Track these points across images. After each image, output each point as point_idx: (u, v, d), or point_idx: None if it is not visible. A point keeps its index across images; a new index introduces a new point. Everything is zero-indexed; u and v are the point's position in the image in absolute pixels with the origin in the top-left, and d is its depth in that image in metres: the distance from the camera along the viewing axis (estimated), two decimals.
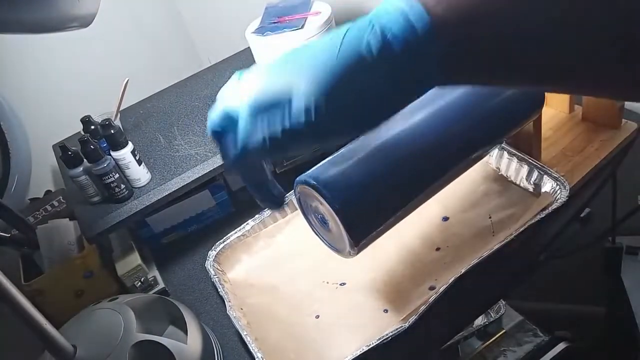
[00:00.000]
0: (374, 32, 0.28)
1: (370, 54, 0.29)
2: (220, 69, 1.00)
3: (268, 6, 0.97)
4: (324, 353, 0.56)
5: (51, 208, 0.83)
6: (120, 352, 0.49)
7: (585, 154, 0.69)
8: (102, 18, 0.58)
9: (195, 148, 0.78)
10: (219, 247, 0.70)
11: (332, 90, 0.30)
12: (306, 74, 0.30)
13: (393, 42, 0.28)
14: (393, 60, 0.28)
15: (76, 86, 1.05)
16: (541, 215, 0.58)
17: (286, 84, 0.31)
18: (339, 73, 0.29)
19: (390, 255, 0.64)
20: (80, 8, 0.53)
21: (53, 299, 0.67)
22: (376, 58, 0.29)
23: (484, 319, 0.98)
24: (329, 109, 0.30)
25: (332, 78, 0.30)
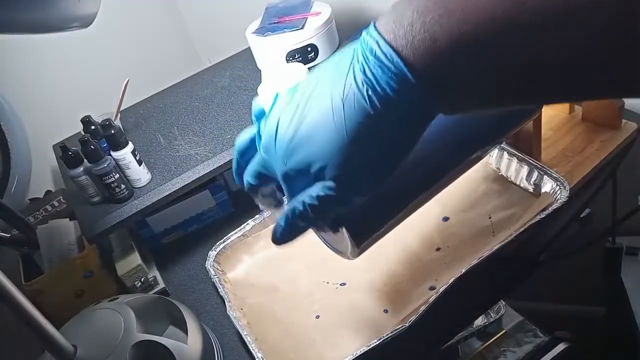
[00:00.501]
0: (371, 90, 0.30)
1: (375, 111, 0.30)
2: (220, 69, 1.00)
3: (268, 6, 0.97)
4: (324, 353, 0.56)
5: (51, 208, 0.83)
6: (120, 352, 0.49)
7: (585, 154, 0.69)
8: (102, 18, 0.58)
9: (195, 148, 0.78)
10: (219, 247, 0.70)
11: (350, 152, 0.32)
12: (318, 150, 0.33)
13: (389, 91, 0.29)
14: (397, 105, 0.30)
15: (76, 86, 1.05)
16: (541, 215, 0.58)
17: (305, 162, 0.34)
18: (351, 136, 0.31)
19: (390, 255, 0.64)
20: (81, 8, 0.53)
21: (53, 299, 0.67)
22: (379, 109, 0.30)
23: (484, 319, 0.98)
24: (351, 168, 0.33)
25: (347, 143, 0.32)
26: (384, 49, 0.29)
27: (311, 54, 0.87)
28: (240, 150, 0.41)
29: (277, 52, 0.87)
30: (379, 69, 0.29)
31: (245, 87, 0.90)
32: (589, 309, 1.15)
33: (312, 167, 0.33)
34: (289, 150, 0.34)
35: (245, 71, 0.96)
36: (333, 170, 0.33)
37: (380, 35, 0.29)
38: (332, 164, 0.33)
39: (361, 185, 0.34)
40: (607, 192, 0.70)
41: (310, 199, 0.35)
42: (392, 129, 0.31)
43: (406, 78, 0.28)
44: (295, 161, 0.34)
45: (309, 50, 0.87)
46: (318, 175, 0.34)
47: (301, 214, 0.36)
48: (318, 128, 0.32)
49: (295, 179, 0.35)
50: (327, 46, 0.88)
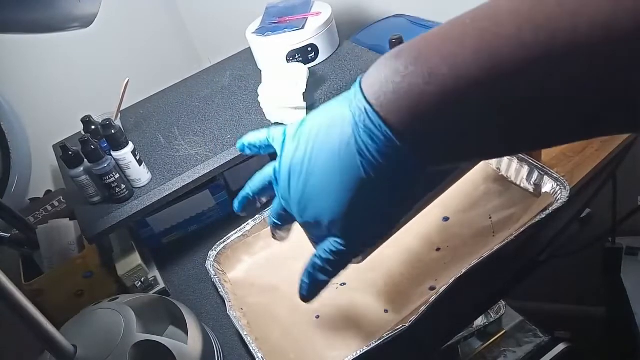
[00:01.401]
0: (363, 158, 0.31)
1: (369, 177, 0.32)
2: (220, 69, 1.00)
3: (268, 6, 0.97)
4: (324, 353, 0.56)
5: (51, 208, 0.83)
6: (120, 352, 0.49)
7: (585, 154, 0.69)
8: (102, 18, 0.58)
9: (195, 148, 0.78)
10: (219, 247, 0.70)
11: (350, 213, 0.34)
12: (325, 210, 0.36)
13: (379, 158, 0.31)
14: (386, 170, 0.31)
15: (76, 86, 1.05)
16: (541, 215, 0.58)
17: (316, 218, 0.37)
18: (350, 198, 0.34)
19: (390, 256, 0.64)
20: (81, 8, 0.53)
21: (53, 299, 0.67)
22: (372, 176, 0.32)
23: (484, 319, 0.98)
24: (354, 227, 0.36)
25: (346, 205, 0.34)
26: (372, 117, 0.30)
27: (311, 54, 0.87)
28: (257, 189, 0.45)
29: (277, 52, 0.87)
30: (368, 138, 0.30)
31: (245, 87, 0.90)
32: (589, 309, 1.16)
33: (322, 222, 0.36)
34: (302, 205, 0.37)
35: (245, 71, 0.96)
36: (339, 227, 0.36)
37: (368, 102, 0.30)
38: (337, 221, 0.35)
39: (366, 239, 0.38)
40: (607, 192, 0.70)
41: (325, 254, 0.38)
42: (386, 192, 0.33)
43: (394, 145, 0.30)
44: (307, 216, 0.37)
45: (309, 50, 0.87)
46: (328, 229, 0.37)
47: (321, 268, 0.39)
48: (322, 188, 0.35)
49: (312, 227, 0.38)
50: (327, 46, 0.88)
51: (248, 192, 0.46)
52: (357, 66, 0.84)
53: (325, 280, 0.40)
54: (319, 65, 0.88)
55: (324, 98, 0.79)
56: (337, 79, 0.82)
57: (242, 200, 0.47)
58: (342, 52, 0.90)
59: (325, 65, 0.87)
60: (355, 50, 0.89)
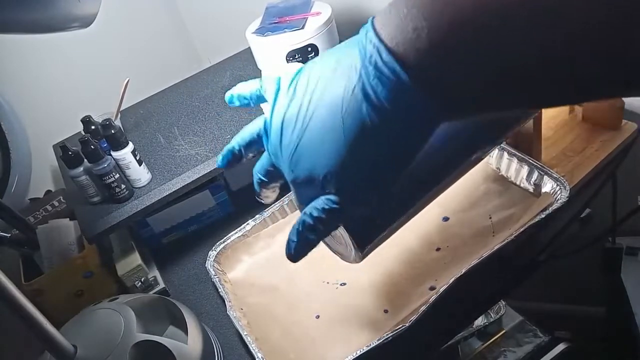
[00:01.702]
0: (369, 103, 0.29)
1: (374, 124, 0.30)
2: (220, 69, 1.00)
3: (268, 6, 0.97)
4: (324, 353, 0.56)
5: (51, 208, 0.83)
6: (120, 352, 0.49)
7: (585, 154, 0.69)
8: (102, 18, 0.58)
9: (195, 148, 0.78)
10: (219, 247, 0.70)
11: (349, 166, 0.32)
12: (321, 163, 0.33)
13: (387, 105, 0.29)
14: (394, 118, 0.29)
15: (76, 86, 1.05)
16: (541, 215, 0.58)
17: (309, 172, 0.34)
18: (350, 149, 0.31)
19: (390, 256, 0.64)
20: (81, 8, 0.53)
21: (53, 299, 0.67)
22: (377, 123, 0.30)
23: (484, 319, 0.98)
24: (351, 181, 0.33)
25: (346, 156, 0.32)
26: (385, 58, 0.28)
27: (311, 54, 0.87)
28: (245, 142, 0.42)
29: (277, 52, 0.87)
30: (378, 81, 0.28)
31: None
32: (589, 309, 1.16)
33: (315, 178, 0.34)
34: (294, 160, 0.34)
35: (245, 71, 0.96)
36: (334, 182, 0.33)
37: (381, 41, 0.28)
38: (333, 176, 0.33)
39: (363, 196, 0.35)
40: (607, 192, 0.70)
41: (316, 212, 0.35)
42: (391, 142, 0.31)
43: (407, 87, 0.28)
44: (300, 170, 0.35)
45: (309, 50, 0.86)
46: (322, 185, 0.34)
47: (311, 226, 0.36)
48: (319, 139, 0.32)
49: (302, 185, 0.35)
50: (327, 46, 0.88)
51: (234, 146, 0.43)
52: None
53: (315, 239, 0.38)
54: None
55: None
56: None
57: (227, 154, 0.44)
58: None
59: None
60: None
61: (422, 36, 0.26)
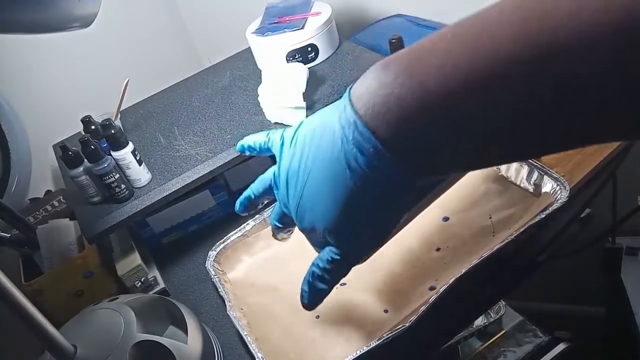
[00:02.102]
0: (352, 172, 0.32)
1: (359, 190, 0.32)
2: (220, 69, 1.00)
3: (268, 6, 0.97)
4: (324, 353, 0.56)
5: (51, 208, 0.83)
6: (120, 352, 0.49)
7: (585, 154, 0.69)
8: (102, 18, 0.58)
9: (195, 148, 0.78)
10: (219, 247, 0.70)
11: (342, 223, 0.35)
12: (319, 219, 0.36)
13: (367, 171, 0.31)
14: (374, 182, 0.32)
15: (76, 86, 1.05)
16: (541, 215, 0.58)
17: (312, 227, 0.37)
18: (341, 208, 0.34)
19: (390, 256, 0.64)
20: (81, 8, 0.53)
21: (53, 299, 0.67)
22: (360, 187, 0.32)
23: (484, 319, 0.98)
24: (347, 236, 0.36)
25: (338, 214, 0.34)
26: (360, 130, 0.30)
27: (311, 54, 0.87)
28: (259, 192, 0.47)
29: (277, 52, 0.87)
30: (357, 151, 0.30)
31: (245, 87, 0.90)
32: (589, 309, 1.16)
33: (318, 232, 0.37)
34: (299, 216, 0.38)
35: (245, 71, 0.96)
36: (332, 237, 0.37)
37: (357, 114, 0.30)
38: (330, 231, 0.36)
39: (361, 248, 0.38)
40: (607, 192, 0.70)
41: (323, 263, 0.39)
42: (376, 203, 0.33)
43: (383, 157, 0.30)
44: (305, 223, 0.38)
45: (309, 50, 0.87)
46: (324, 238, 0.37)
47: (319, 277, 0.40)
48: (316, 196, 0.35)
49: (311, 233, 0.39)
50: (327, 46, 0.88)
51: (250, 195, 0.48)
52: (357, 66, 0.84)
53: (325, 288, 0.41)
54: (319, 65, 0.88)
55: (324, 98, 0.79)
56: (337, 79, 0.82)
57: (244, 201, 0.49)
58: (342, 52, 0.90)
59: (325, 65, 0.87)
60: (355, 50, 0.89)
61: (391, 111, 0.28)
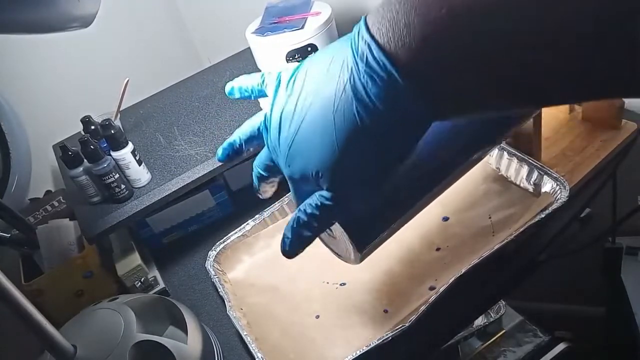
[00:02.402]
0: (359, 102, 0.29)
1: (364, 124, 0.30)
2: (220, 69, 1.00)
3: (268, 6, 0.97)
4: (324, 353, 0.56)
5: (51, 208, 0.83)
6: (120, 352, 0.49)
7: (585, 154, 0.69)
8: (102, 18, 0.58)
9: (195, 148, 0.78)
10: (219, 247, 0.70)
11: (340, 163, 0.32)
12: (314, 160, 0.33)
13: (378, 104, 0.28)
14: (384, 116, 0.29)
15: (76, 86, 1.05)
16: (541, 215, 0.58)
17: (303, 169, 0.34)
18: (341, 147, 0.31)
19: (390, 255, 0.64)
20: (81, 8, 0.53)
21: (53, 299, 0.67)
22: (368, 121, 0.29)
23: (484, 319, 0.98)
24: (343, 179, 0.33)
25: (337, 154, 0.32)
26: (376, 55, 0.27)
27: (311, 54, 0.87)
28: (246, 136, 0.43)
29: (277, 52, 0.87)
30: (369, 79, 0.28)
31: None
32: (589, 309, 1.16)
33: (309, 174, 0.34)
34: (290, 156, 0.35)
35: (245, 71, 0.95)
36: (327, 180, 0.33)
37: (372, 38, 0.28)
38: (326, 173, 0.33)
39: (355, 194, 0.35)
40: (607, 192, 0.70)
41: (311, 209, 0.36)
42: (382, 140, 0.31)
43: (398, 86, 0.27)
44: (295, 167, 0.35)
45: (309, 50, 0.86)
46: (315, 181, 0.34)
47: (305, 223, 0.37)
48: (312, 136, 0.32)
49: (298, 181, 0.36)
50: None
51: (235, 140, 0.44)
52: None
53: (310, 236, 0.38)
54: None
55: None
56: None
57: (228, 147, 0.44)
58: None
59: None
60: None
61: (413, 32, 0.26)
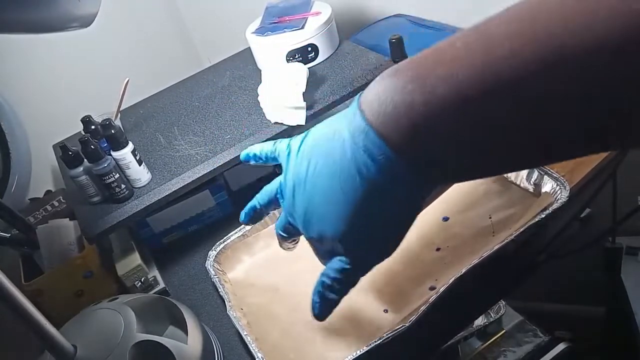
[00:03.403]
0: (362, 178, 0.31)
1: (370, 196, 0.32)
2: (220, 69, 1.00)
3: (268, 6, 0.97)
4: (324, 353, 0.56)
5: (51, 208, 0.83)
6: (120, 352, 0.49)
7: None
8: (102, 18, 0.58)
9: (195, 148, 0.78)
10: (219, 247, 0.70)
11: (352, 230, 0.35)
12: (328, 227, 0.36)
13: (377, 177, 0.31)
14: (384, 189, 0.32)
15: (76, 86, 1.05)
16: (541, 215, 0.58)
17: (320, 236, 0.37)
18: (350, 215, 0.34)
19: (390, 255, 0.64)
20: (81, 8, 0.53)
21: (53, 299, 0.67)
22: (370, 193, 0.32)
23: (484, 319, 0.98)
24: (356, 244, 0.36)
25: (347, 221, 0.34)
26: (371, 137, 0.30)
27: (311, 54, 0.87)
28: (264, 202, 0.47)
29: (277, 52, 0.87)
30: (368, 158, 0.30)
31: (245, 87, 0.90)
32: (589, 309, 1.16)
33: (327, 240, 0.36)
34: (305, 224, 0.38)
35: (245, 71, 0.96)
36: (342, 246, 0.36)
37: (367, 121, 0.30)
38: (340, 240, 0.36)
39: (371, 256, 0.38)
40: (607, 192, 0.70)
41: (332, 273, 0.39)
42: (386, 208, 0.33)
43: (394, 163, 0.30)
44: (312, 232, 0.38)
45: (309, 50, 0.86)
46: (332, 247, 0.37)
47: (329, 287, 0.40)
48: (324, 204, 0.35)
49: (317, 243, 0.39)
50: (327, 46, 0.88)
51: (255, 205, 0.48)
52: (357, 66, 0.84)
53: (336, 298, 0.41)
54: (319, 65, 0.88)
55: (324, 98, 0.79)
56: (337, 78, 0.82)
57: (249, 212, 0.49)
58: (342, 52, 0.90)
59: (325, 65, 0.87)
60: (355, 50, 0.89)
61: (402, 118, 0.28)
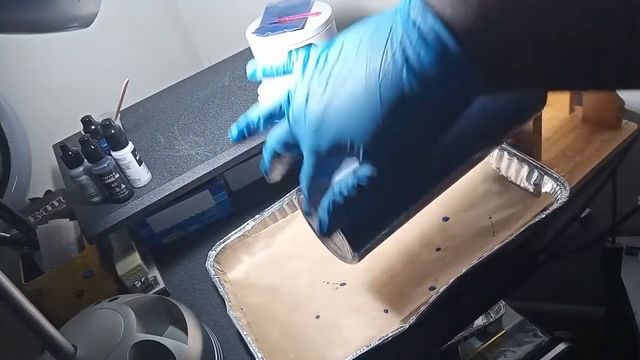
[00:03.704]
0: (410, 69, 0.27)
1: (413, 92, 0.28)
2: (220, 69, 1.00)
3: (268, 6, 0.97)
4: (324, 353, 0.56)
5: (51, 208, 0.83)
6: (120, 352, 0.49)
7: (585, 154, 0.69)
8: (102, 18, 0.58)
9: (195, 148, 0.78)
10: (219, 247, 0.70)
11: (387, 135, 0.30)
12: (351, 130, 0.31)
13: (431, 71, 0.27)
14: (437, 85, 0.28)
15: (76, 86, 1.05)
16: (541, 215, 0.58)
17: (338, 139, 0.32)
18: (387, 117, 0.29)
19: (390, 255, 0.64)
20: (81, 8, 0.53)
21: (53, 299, 0.67)
22: (418, 90, 0.28)
23: (484, 319, 0.98)
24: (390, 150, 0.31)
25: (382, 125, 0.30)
26: (430, 23, 0.26)
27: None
28: (267, 112, 0.40)
29: (278, 52, 0.87)
30: (422, 46, 0.26)
31: (245, 87, 0.90)
32: (589, 309, 1.16)
33: (345, 145, 0.32)
34: (320, 125, 0.33)
35: (245, 71, 0.96)
36: (368, 151, 0.32)
37: (426, 4, 0.26)
38: (367, 143, 0.31)
39: (402, 165, 0.33)
40: (607, 192, 0.70)
41: (347, 189, 0.34)
42: (431, 109, 0.29)
43: (453, 55, 0.26)
44: (325, 138, 0.33)
45: None
46: (352, 153, 0.32)
47: (341, 206, 0.35)
48: (352, 105, 0.30)
49: (324, 153, 0.34)
50: None
51: (253, 118, 0.41)
52: None
53: (346, 217, 0.36)
54: None
55: None
56: None
57: (245, 126, 0.42)
58: None
59: None
60: None
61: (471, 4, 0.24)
